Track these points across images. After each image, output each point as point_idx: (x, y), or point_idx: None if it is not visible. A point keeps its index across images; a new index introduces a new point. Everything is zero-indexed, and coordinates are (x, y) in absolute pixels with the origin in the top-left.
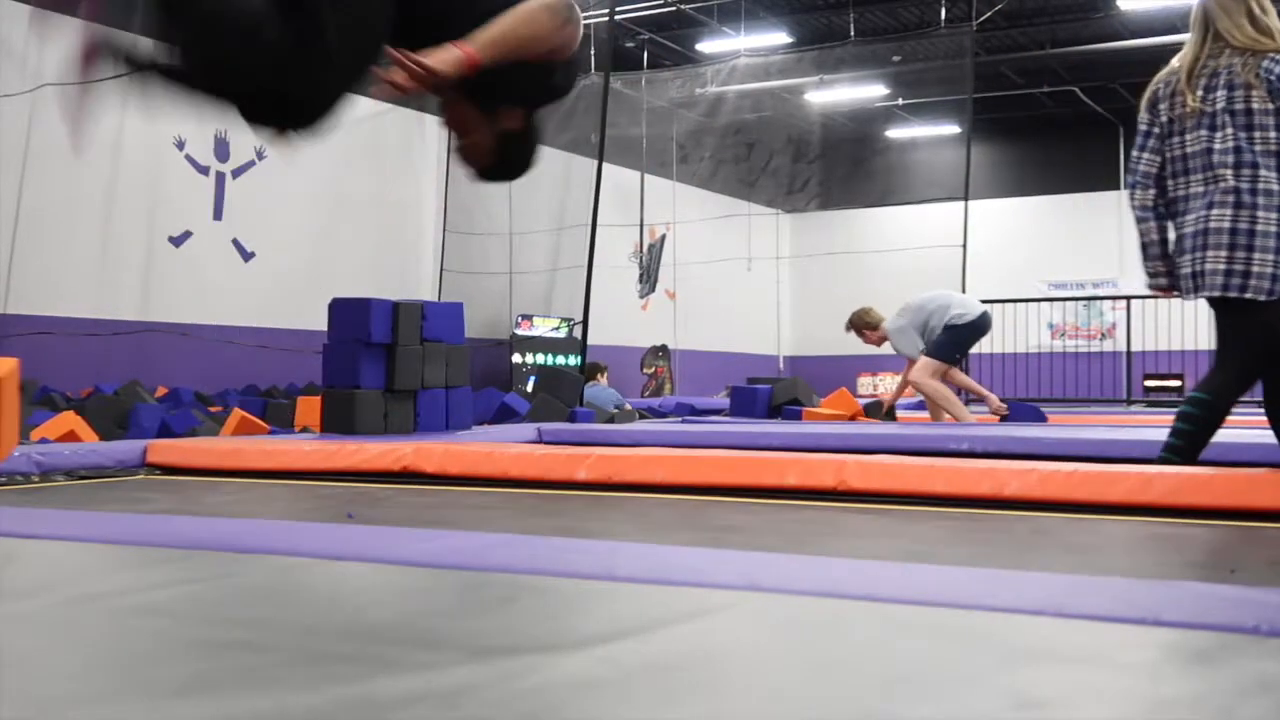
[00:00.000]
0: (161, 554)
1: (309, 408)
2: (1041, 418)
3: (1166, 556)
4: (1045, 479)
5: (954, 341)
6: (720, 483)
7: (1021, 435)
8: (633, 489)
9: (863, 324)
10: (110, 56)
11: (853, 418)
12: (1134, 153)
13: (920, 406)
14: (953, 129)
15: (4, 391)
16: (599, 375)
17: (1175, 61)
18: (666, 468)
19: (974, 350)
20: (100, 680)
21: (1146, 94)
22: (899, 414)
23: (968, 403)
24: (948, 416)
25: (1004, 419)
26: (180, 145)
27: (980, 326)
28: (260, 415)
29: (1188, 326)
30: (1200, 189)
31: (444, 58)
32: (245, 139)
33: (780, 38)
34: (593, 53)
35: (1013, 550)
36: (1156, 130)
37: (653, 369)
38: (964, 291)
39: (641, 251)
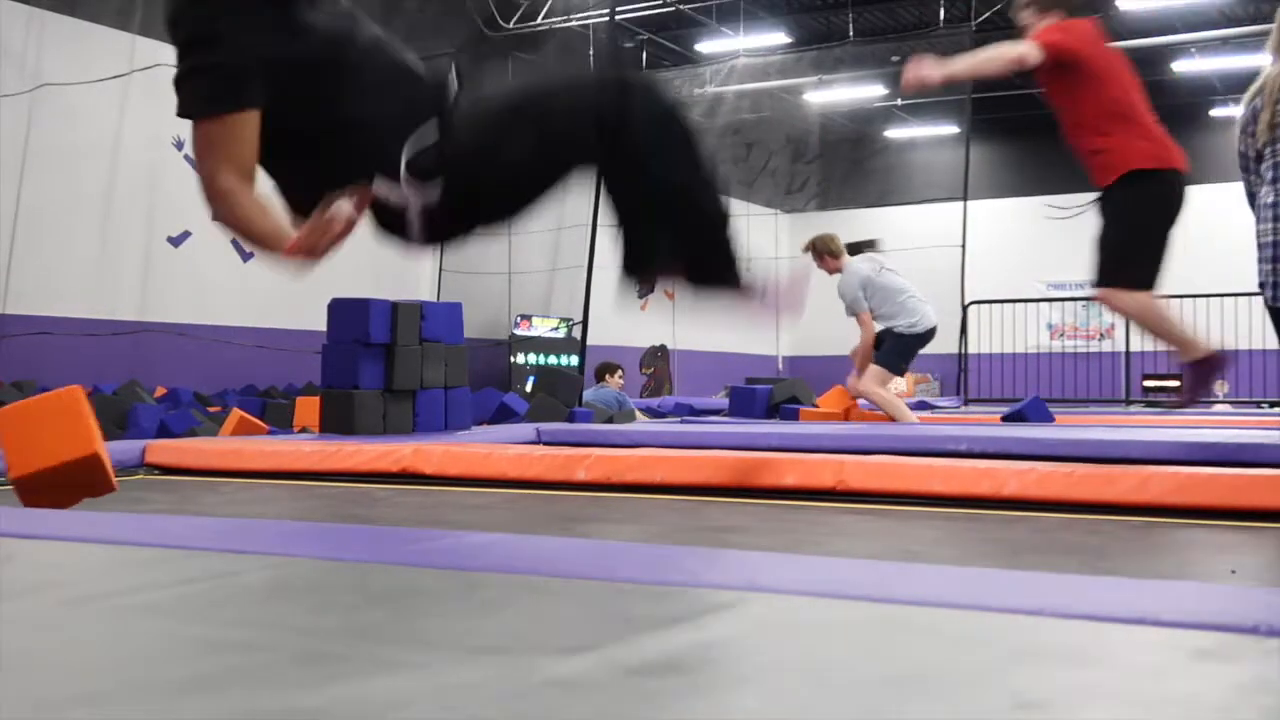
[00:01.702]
0: (161, 554)
1: (308, 408)
2: (1049, 417)
3: (1165, 556)
4: (1045, 478)
5: (901, 350)
6: (719, 483)
7: (1021, 435)
8: (632, 489)
9: (826, 250)
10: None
11: (845, 412)
12: (1244, 180)
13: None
14: (951, 129)
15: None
16: (609, 376)
17: (1259, 80)
18: (665, 468)
19: (973, 351)
20: (100, 680)
21: (1239, 118)
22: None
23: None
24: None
25: None
26: (179, 145)
27: (926, 338)
28: (259, 415)
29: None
30: None
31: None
32: None
33: (779, 38)
34: (592, 53)
35: (1012, 550)
36: (1253, 155)
37: (651, 369)
38: (963, 292)
39: None
